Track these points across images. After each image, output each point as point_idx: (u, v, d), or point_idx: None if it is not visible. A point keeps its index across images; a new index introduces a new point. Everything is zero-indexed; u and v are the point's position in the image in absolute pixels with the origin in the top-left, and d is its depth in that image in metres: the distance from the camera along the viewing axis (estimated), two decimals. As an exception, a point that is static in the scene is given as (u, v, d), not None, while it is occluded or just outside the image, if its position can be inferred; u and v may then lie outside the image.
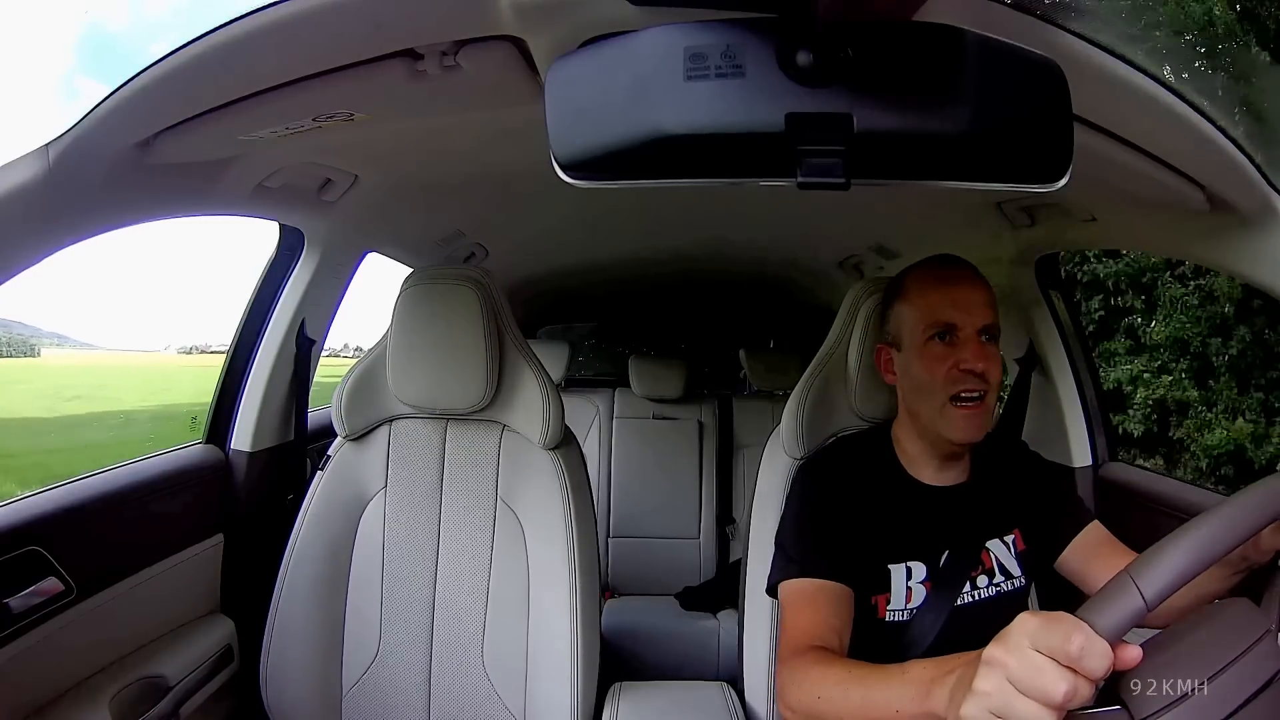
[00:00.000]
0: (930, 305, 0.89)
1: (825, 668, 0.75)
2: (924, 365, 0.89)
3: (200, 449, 1.31)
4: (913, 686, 0.62)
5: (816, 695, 0.74)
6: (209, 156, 0.89)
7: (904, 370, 0.93)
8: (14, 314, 12.24)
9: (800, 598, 0.88)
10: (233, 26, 0.61)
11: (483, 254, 1.85)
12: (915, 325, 0.90)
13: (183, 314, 37.21)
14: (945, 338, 0.88)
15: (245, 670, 1.20)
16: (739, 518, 2.35)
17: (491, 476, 1.14)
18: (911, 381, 0.92)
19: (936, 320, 0.89)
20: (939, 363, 0.88)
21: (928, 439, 0.93)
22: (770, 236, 1.87)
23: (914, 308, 0.91)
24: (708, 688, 1.16)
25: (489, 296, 1.10)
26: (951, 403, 0.87)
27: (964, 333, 0.88)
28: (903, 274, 0.96)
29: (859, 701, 0.69)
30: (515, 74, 0.71)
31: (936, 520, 0.93)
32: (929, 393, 0.89)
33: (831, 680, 0.73)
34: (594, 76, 0.43)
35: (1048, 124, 0.44)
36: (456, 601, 1.11)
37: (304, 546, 1.10)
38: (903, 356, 0.93)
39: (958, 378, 0.87)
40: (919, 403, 0.91)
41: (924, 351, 0.89)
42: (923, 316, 0.90)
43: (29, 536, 0.90)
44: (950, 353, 0.87)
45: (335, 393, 1.15)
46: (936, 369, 0.88)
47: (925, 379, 0.89)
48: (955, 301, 0.88)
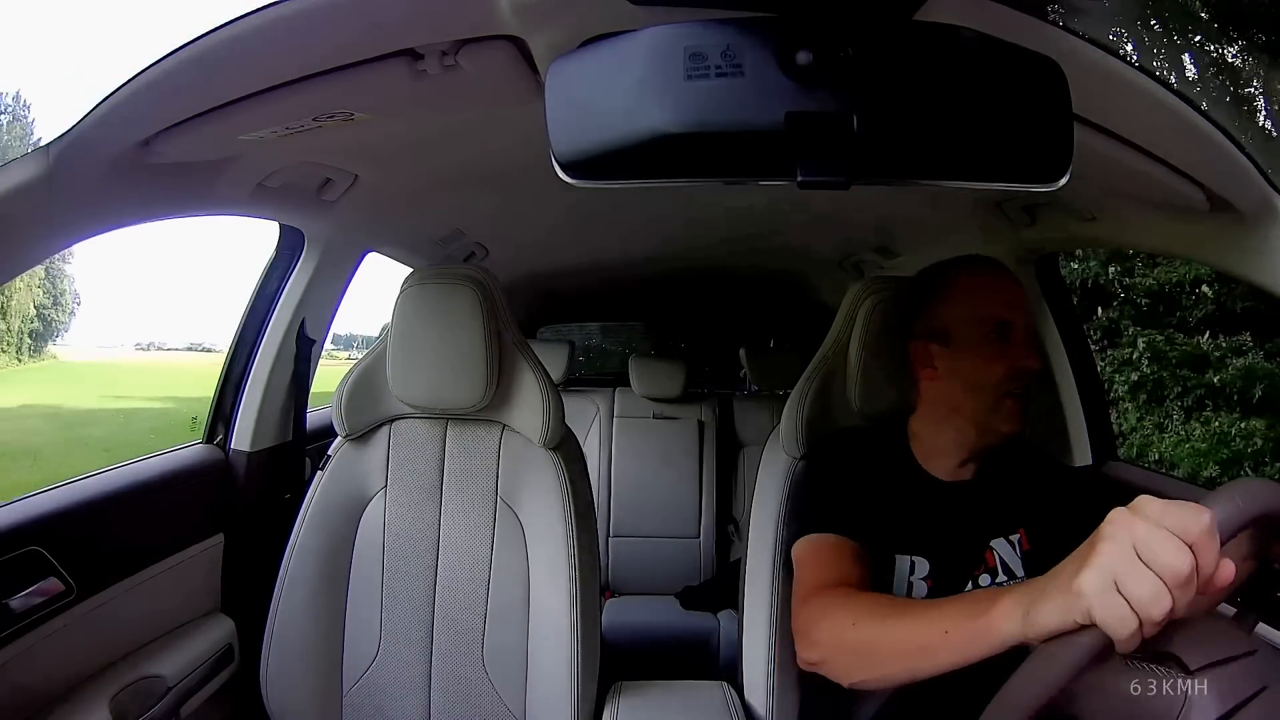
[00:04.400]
0: (987, 302, 0.91)
1: (855, 598, 0.73)
2: (983, 362, 0.90)
3: (200, 449, 1.31)
4: (969, 605, 0.61)
5: (850, 622, 0.71)
6: (209, 156, 0.89)
7: (952, 365, 0.93)
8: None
9: (815, 552, 0.87)
10: (232, 26, 0.61)
11: (483, 253, 1.85)
12: (971, 321, 0.91)
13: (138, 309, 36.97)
14: (1001, 335, 0.90)
15: (246, 670, 1.20)
16: (739, 517, 2.35)
17: (492, 476, 1.14)
18: (964, 377, 0.92)
19: (995, 317, 0.90)
20: (997, 360, 0.89)
21: (966, 433, 0.93)
22: (770, 236, 1.87)
23: (969, 304, 0.92)
24: (708, 687, 1.16)
25: (489, 296, 1.10)
26: (1004, 398, 0.89)
27: (1016, 331, 0.90)
28: (943, 269, 0.96)
29: (902, 627, 0.66)
30: (515, 74, 0.71)
31: (943, 515, 0.93)
32: (984, 388, 0.90)
33: (865, 608, 0.70)
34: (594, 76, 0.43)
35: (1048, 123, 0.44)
36: (457, 601, 1.11)
37: (304, 546, 1.10)
38: (951, 352, 0.93)
39: (1015, 374, 0.89)
40: (969, 398, 0.91)
41: (981, 348, 0.90)
42: (978, 313, 0.91)
43: (29, 536, 0.90)
44: (1006, 350, 0.89)
45: (335, 392, 1.15)
46: (995, 366, 0.89)
47: (982, 375, 0.90)
48: (1009, 300, 0.91)
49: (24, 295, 12.97)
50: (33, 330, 13.40)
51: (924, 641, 0.64)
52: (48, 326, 14.16)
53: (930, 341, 0.95)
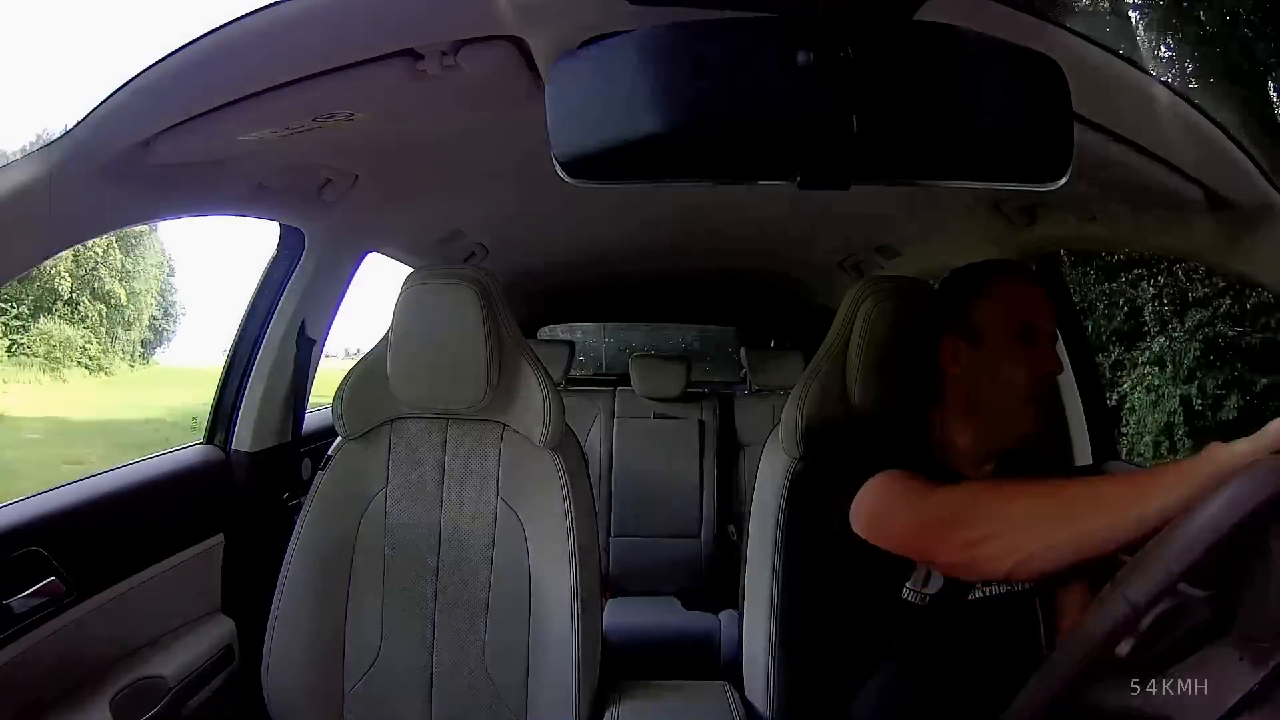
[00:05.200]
0: (1020, 306, 0.92)
1: (1000, 481, 0.76)
2: (1010, 364, 0.91)
3: (200, 449, 1.31)
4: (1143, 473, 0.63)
5: (1015, 492, 0.72)
6: (209, 156, 0.89)
7: (980, 365, 0.94)
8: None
9: (895, 476, 0.86)
10: (232, 27, 0.61)
11: (483, 253, 1.85)
12: (1002, 324, 0.92)
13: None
14: (1028, 339, 0.91)
15: (246, 670, 1.20)
16: (740, 516, 2.35)
17: (492, 476, 1.14)
18: (991, 378, 0.93)
19: (1024, 320, 0.91)
20: (1023, 363, 0.90)
21: (989, 431, 0.94)
22: (770, 236, 1.87)
23: (1003, 307, 0.93)
24: (709, 687, 1.16)
25: (489, 296, 1.10)
26: (1027, 400, 0.91)
27: (1042, 336, 0.91)
28: (983, 270, 0.98)
29: (1076, 487, 0.69)
30: (515, 74, 0.71)
31: None
32: (1010, 390, 0.91)
33: (1016, 482, 0.74)
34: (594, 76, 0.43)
35: (1048, 123, 0.44)
36: (457, 601, 1.11)
37: (305, 546, 1.10)
38: (980, 352, 0.94)
39: (1038, 378, 0.91)
40: (995, 399, 0.92)
41: (1010, 351, 0.91)
42: (1011, 316, 0.92)
43: (29, 537, 0.90)
44: (1031, 354, 0.90)
45: (336, 393, 1.15)
46: (1020, 368, 0.90)
47: (1009, 377, 0.91)
48: (1036, 305, 0.92)
49: (142, 307, 13.36)
50: (144, 339, 13.82)
51: (1108, 493, 0.66)
52: (157, 335, 14.71)
53: (960, 339, 0.96)
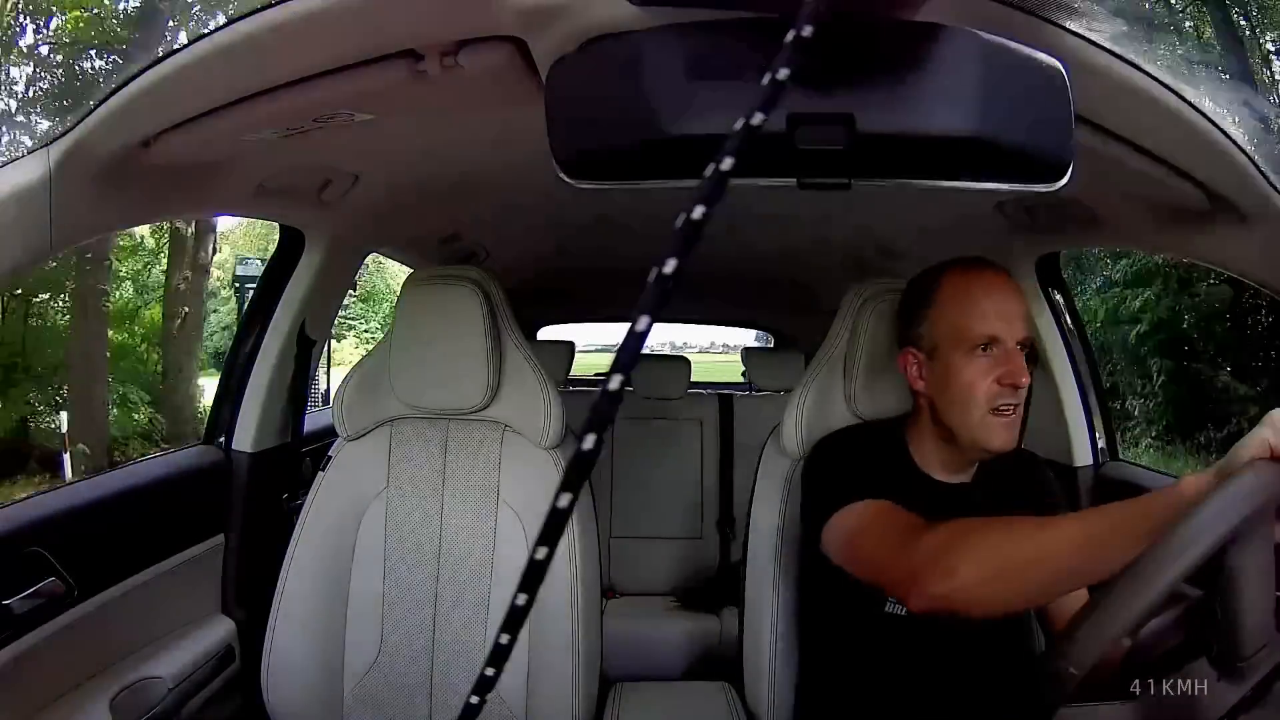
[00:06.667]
0: (974, 317, 0.86)
1: (985, 521, 0.70)
2: (967, 379, 0.86)
3: (200, 449, 1.31)
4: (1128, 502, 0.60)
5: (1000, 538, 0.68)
6: (209, 156, 0.89)
7: (939, 380, 0.89)
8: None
9: (880, 507, 0.83)
10: (233, 27, 0.61)
11: (483, 254, 1.85)
12: (956, 336, 0.87)
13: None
14: (988, 350, 0.86)
15: (246, 670, 1.20)
16: (740, 517, 2.35)
17: (493, 477, 1.14)
18: (950, 394, 0.88)
19: (981, 334, 0.86)
20: (982, 377, 0.85)
21: (957, 446, 0.90)
22: (771, 235, 1.87)
23: (954, 317, 0.87)
24: (708, 688, 1.16)
25: (489, 297, 1.10)
26: (991, 414, 0.86)
27: (1006, 345, 0.86)
28: (933, 276, 0.92)
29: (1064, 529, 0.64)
30: (516, 74, 0.71)
31: (940, 517, 0.93)
32: (969, 405, 0.86)
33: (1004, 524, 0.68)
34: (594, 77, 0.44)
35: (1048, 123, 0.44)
36: (458, 601, 1.11)
37: (305, 547, 1.10)
38: (937, 366, 0.89)
39: (1000, 392, 0.85)
40: (956, 414, 0.88)
41: (967, 365, 0.86)
42: (965, 328, 0.86)
43: (30, 537, 0.90)
44: (992, 367, 0.85)
45: (336, 393, 1.15)
46: (979, 383, 0.85)
47: (967, 392, 0.86)
48: (999, 313, 0.86)
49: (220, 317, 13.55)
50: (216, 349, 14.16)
51: (1094, 531, 0.62)
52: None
53: (918, 352, 0.92)
